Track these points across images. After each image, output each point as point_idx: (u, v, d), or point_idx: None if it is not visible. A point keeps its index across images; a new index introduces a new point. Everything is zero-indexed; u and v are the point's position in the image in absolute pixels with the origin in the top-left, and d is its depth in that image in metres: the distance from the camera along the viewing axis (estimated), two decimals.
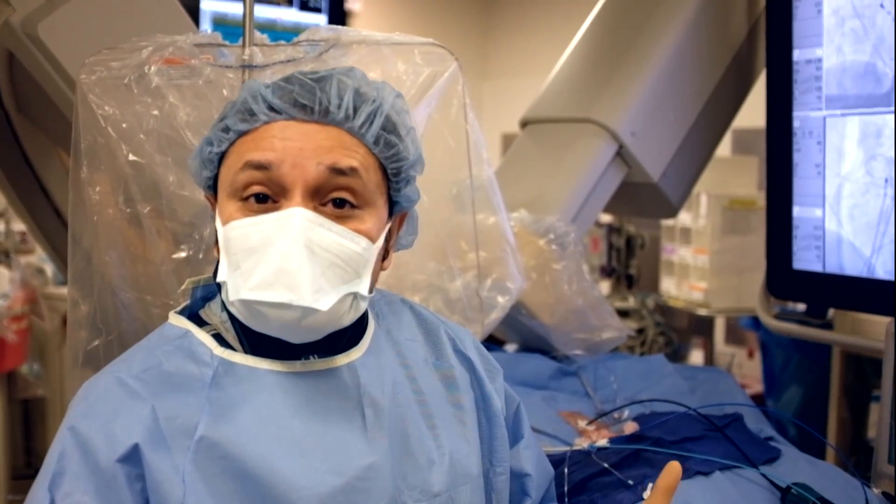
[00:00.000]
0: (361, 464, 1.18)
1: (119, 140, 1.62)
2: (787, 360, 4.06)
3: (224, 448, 1.12)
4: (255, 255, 1.13)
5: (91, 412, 1.14)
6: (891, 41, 2.07)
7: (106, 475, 1.09)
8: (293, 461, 1.14)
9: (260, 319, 1.15)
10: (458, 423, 1.32)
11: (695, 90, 2.60)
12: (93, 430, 1.11)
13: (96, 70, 1.62)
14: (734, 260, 4.26)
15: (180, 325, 1.24)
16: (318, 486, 1.14)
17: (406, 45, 1.79)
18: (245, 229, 1.14)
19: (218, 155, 1.21)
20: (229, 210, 1.17)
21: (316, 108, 1.17)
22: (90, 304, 1.69)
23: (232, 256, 1.15)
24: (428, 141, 1.85)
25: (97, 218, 1.66)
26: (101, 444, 1.10)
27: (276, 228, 1.13)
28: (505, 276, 2.02)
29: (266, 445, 1.14)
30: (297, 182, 1.14)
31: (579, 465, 1.70)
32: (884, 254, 2.13)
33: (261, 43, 1.72)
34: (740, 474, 1.67)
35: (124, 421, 1.12)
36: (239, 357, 1.20)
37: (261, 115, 1.18)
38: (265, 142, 1.16)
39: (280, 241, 1.12)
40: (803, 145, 2.30)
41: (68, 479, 1.09)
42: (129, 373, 1.17)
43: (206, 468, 1.11)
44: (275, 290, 1.11)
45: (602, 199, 2.55)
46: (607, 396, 2.15)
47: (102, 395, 1.15)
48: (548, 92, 2.79)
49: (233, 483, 1.12)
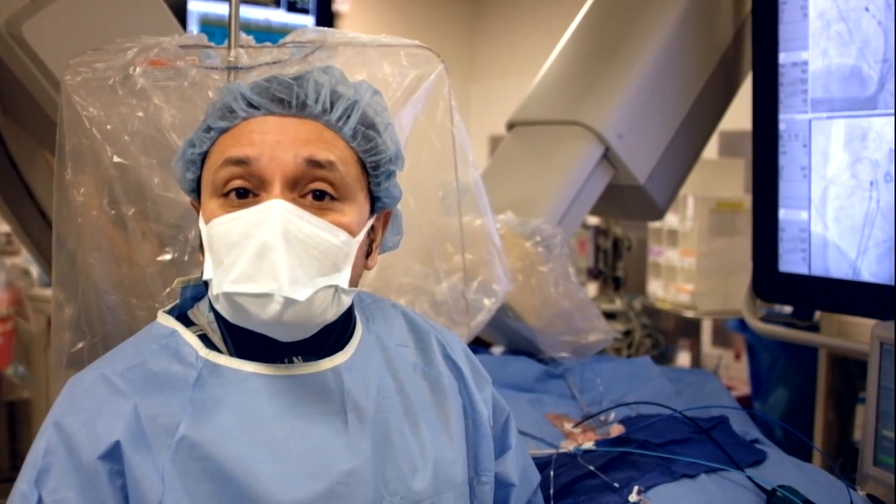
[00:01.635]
0: (342, 469, 1.18)
1: (104, 141, 1.62)
2: (774, 362, 4.06)
3: (204, 449, 1.13)
4: (237, 249, 1.13)
5: (75, 408, 1.14)
6: (876, 45, 2.08)
7: (88, 471, 1.10)
8: (272, 465, 1.14)
9: (242, 314, 1.15)
10: (444, 431, 1.32)
11: (681, 93, 2.61)
12: (76, 426, 1.12)
13: (81, 71, 1.62)
14: (721, 262, 4.27)
15: (168, 325, 1.24)
16: (297, 490, 1.14)
17: (392, 46, 1.79)
18: (226, 224, 1.15)
19: (200, 155, 1.22)
20: (211, 208, 1.18)
21: (293, 102, 1.19)
22: (75, 306, 1.68)
23: (215, 253, 1.16)
24: (414, 143, 1.85)
25: (81, 220, 1.65)
26: (85, 441, 1.11)
27: (255, 221, 1.13)
28: (491, 278, 2.02)
29: (245, 448, 1.14)
30: (276, 174, 1.15)
31: (565, 468, 1.70)
32: (869, 256, 2.14)
33: (246, 44, 1.72)
34: (726, 477, 1.67)
35: (107, 418, 1.12)
36: (224, 359, 1.20)
37: (240, 112, 1.19)
38: (244, 137, 1.18)
39: (259, 233, 1.12)
40: (789, 148, 2.31)
41: (54, 475, 1.10)
42: (113, 370, 1.17)
43: (185, 468, 1.12)
44: (255, 280, 1.12)
45: (588, 202, 2.55)
46: (593, 399, 2.15)
47: (87, 392, 1.16)
48: (534, 94, 2.79)
49: (211, 484, 1.12)
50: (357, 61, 1.75)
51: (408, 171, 1.88)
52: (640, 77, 2.52)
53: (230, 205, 1.17)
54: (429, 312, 1.92)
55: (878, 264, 2.12)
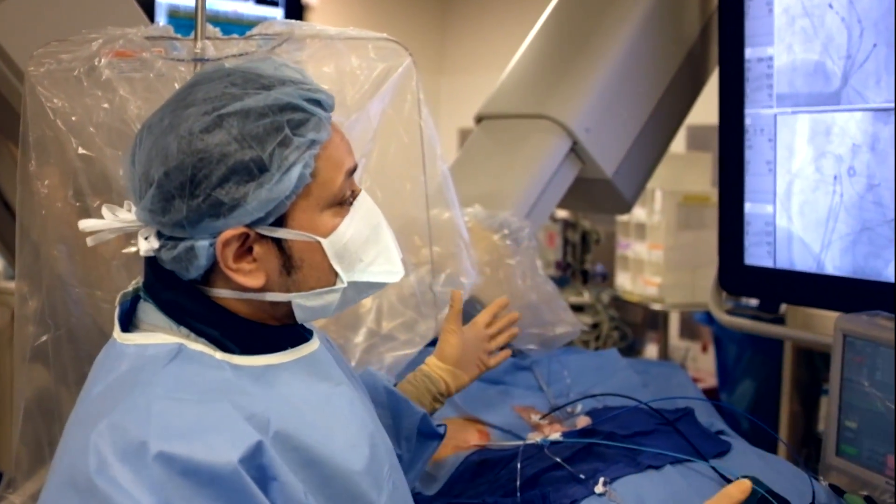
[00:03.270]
0: (367, 432, 1.23)
1: (68, 133, 1.61)
2: (740, 354, 4.10)
3: (294, 440, 1.11)
4: (373, 244, 1.23)
5: (171, 433, 1.02)
6: (840, 41, 2.10)
7: (227, 482, 1.01)
8: (334, 441, 1.16)
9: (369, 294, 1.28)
10: (357, 381, 1.40)
11: (648, 87, 2.62)
12: (189, 446, 1.01)
13: (45, 62, 1.60)
14: (688, 255, 4.30)
15: (159, 342, 1.14)
16: (359, 459, 1.18)
17: (360, 39, 1.79)
18: (355, 225, 1.20)
19: (310, 175, 1.15)
20: (325, 220, 1.18)
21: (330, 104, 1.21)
22: (39, 298, 1.67)
23: (352, 255, 1.21)
24: (382, 136, 1.86)
25: (46, 211, 1.64)
26: (207, 455, 1.02)
27: (371, 212, 1.23)
28: (459, 271, 2.03)
29: (313, 431, 1.14)
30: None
31: (532, 460, 1.70)
32: (833, 250, 2.16)
33: (213, 36, 1.71)
34: (691, 468, 1.69)
35: (222, 427, 1.05)
36: (238, 359, 1.16)
37: (328, 122, 1.19)
38: (342, 145, 1.21)
39: (381, 221, 1.25)
40: (755, 142, 2.33)
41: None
42: (174, 390, 1.07)
43: (287, 461, 1.10)
44: (398, 263, 1.27)
45: (556, 195, 2.56)
46: (561, 391, 2.16)
47: (170, 414, 1.04)
48: (503, 88, 2.79)
49: (304, 471, 1.12)
50: (325, 54, 1.75)
51: (376, 164, 1.89)
52: (607, 71, 2.53)
53: (343, 211, 1.20)
54: (396, 305, 1.93)
55: (842, 258, 2.14)
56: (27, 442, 1.71)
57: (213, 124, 1.10)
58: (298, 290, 1.18)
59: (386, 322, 1.96)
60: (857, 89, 2.08)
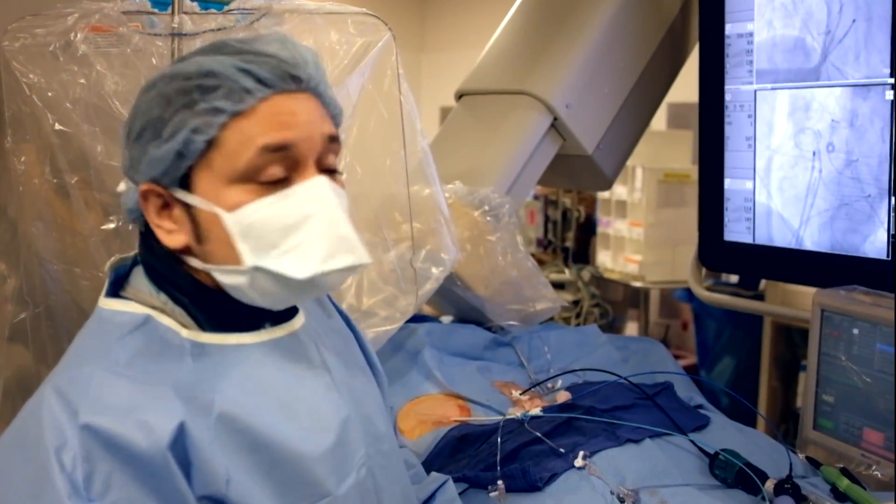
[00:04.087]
0: (340, 418, 1.21)
1: (45, 109, 1.60)
2: (720, 331, 4.13)
3: (239, 422, 1.11)
4: (298, 231, 1.12)
5: (102, 406, 1.05)
6: (819, 16, 2.10)
7: (152, 463, 1.03)
8: (290, 426, 1.15)
9: (308, 290, 1.17)
10: (361, 372, 1.37)
11: (629, 63, 2.61)
12: (115, 422, 1.04)
13: (20, 37, 1.59)
14: (669, 233, 4.32)
15: (130, 310, 1.16)
16: (319, 446, 1.16)
17: (339, 14, 1.78)
18: (273, 208, 1.12)
19: (207, 142, 1.13)
20: (234, 195, 1.12)
21: (304, 77, 1.15)
22: (17, 276, 1.66)
23: (263, 238, 1.12)
24: (362, 112, 1.85)
25: (23, 188, 1.63)
26: (135, 434, 1.03)
27: (310, 199, 1.13)
28: (439, 247, 2.03)
29: (268, 415, 1.14)
30: (310, 154, 1.14)
31: (512, 434, 1.71)
32: (811, 226, 2.17)
33: (191, 11, 1.70)
34: (670, 441, 1.70)
35: (153, 406, 1.06)
36: (206, 336, 1.16)
37: (256, 92, 1.12)
38: (273, 120, 1.12)
39: (322, 211, 1.13)
40: (734, 118, 2.33)
41: (98, 478, 1.01)
42: (118, 364, 1.10)
43: (226, 443, 1.10)
44: (339, 256, 1.13)
45: (537, 172, 2.56)
46: (541, 366, 2.17)
47: (107, 388, 1.07)
48: (483, 64, 2.78)
49: (251, 455, 1.11)
50: (303, 28, 1.74)
51: (356, 140, 1.89)
52: (587, 47, 2.52)
53: (264, 190, 1.12)
54: (377, 281, 1.93)
55: (820, 233, 2.16)
56: (6, 420, 1.70)
57: (151, 84, 1.15)
58: (211, 262, 1.15)
59: (366, 298, 1.96)
60: (836, 65, 2.08)
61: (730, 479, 1.59)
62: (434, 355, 2.07)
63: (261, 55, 1.14)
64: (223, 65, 1.12)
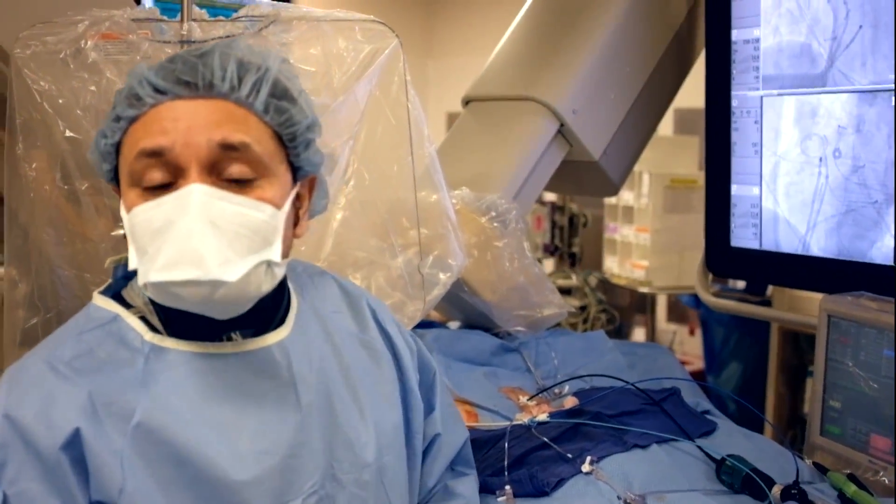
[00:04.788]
0: (294, 441, 1.19)
1: (56, 116, 1.61)
2: (727, 336, 4.13)
3: (160, 434, 1.12)
4: (160, 237, 1.11)
5: (25, 399, 1.12)
6: (826, 22, 2.11)
7: (49, 461, 1.09)
8: (225, 445, 1.15)
9: (173, 299, 1.14)
10: (382, 395, 1.35)
11: (635, 69, 2.62)
12: (30, 417, 1.10)
13: (31, 44, 1.60)
14: (675, 238, 4.32)
15: (108, 308, 1.22)
16: (251, 468, 1.15)
17: (347, 21, 1.79)
18: (148, 213, 1.13)
19: (114, 146, 1.19)
20: (131, 197, 1.15)
21: (200, 84, 1.15)
22: (28, 282, 1.67)
23: (138, 242, 1.14)
24: (369, 118, 1.86)
25: (34, 195, 1.64)
26: (42, 431, 1.09)
27: (176, 207, 1.11)
28: (447, 253, 2.03)
29: (199, 430, 1.14)
30: (191, 160, 1.13)
31: (519, 440, 1.72)
32: (818, 231, 2.18)
33: (199, 18, 1.71)
34: (677, 447, 1.70)
35: (62, 406, 1.11)
36: (170, 342, 1.19)
37: (147, 99, 1.15)
38: (155, 125, 1.14)
39: (181, 219, 1.10)
40: (741, 124, 2.34)
41: (11, 467, 1.08)
42: (60, 358, 1.16)
43: (144, 453, 1.12)
44: (180, 268, 1.10)
45: (544, 178, 2.56)
46: (548, 372, 2.17)
47: (35, 381, 1.14)
48: (490, 70, 2.79)
49: (171, 468, 1.12)
50: (311, 35, 1.75)
51: (363, 146, 1.89)
52: (594, 53, 2.53)
53: (150, 194, 1.14)
54: (384, 287, 1.93)
55: (827, 239, 2.16)
56: None
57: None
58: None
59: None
60: (842, 71, 2.09)
61: (736, 484, 1.59)
62: (441, 361, 2.07)
63: (171, 63, 1.17)
64: (136, 75, 1.17)
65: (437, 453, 1.46)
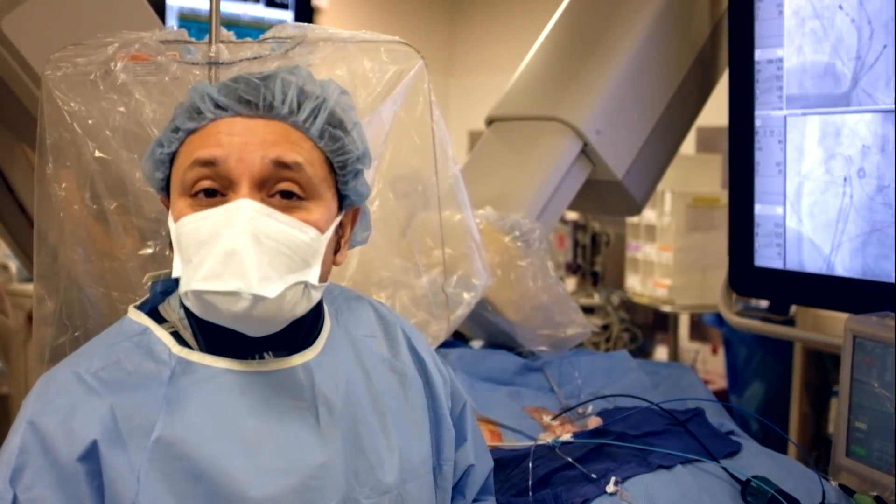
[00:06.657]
0: (314, 462, 1.20)
1: (85, 136, 1.62)
2: (750, 356, 4.10)
3: (179, 448, 1.14)
4: (205, 248, 1.14)
5: (50, 407, 1.14)
6: (850, 42, 2.11)
7: (65, 470, 1.10)
8: (244, 461, 1.16)
9: (211, 310, 1.16)
10: (410, 422, 1.35)
11: (658, 89, 2.63)
12: (51, 425, 1.12)
13: (62, 66, 1.62)
14: (698, 257, 4.30)
15: (140, 322, 1.25)
16: (269, 486, 1.16)
17: (372, 42, 1.80)
18: (195, 223, 1.16)
19: (169, 155, 1.23)
20: (180, 207, 1.18)
21: (260, 104, 1.19)
22: (56, 300, 1.69)
23: (184, 252, 1.17)
24: (394, 138, 1.87)
25: (63, 214, 1.65)
26: (61, 440, 1.11)
27: (223, 220, 1.14)
28: (470, 272, 2.04)
29: (219, 445, 1.15)
30: (244, 175, 1.16)
31: (543, 460, 1.72)
32: (842, 251, 2.17)
33: (227, 40, 1.72)
34: (701, 468, 1.70)
35: (83, 417, 1.13)
36: (197, 356, 1.21)
37: (207, 113, 1.20)
38: (211, 138, 1.18)
39: (227, 232, 1.13)
40: (765, 144, 2.34)
41: (29, 473, 1.10)
42: (87, 369, 1.17)
43: (162, 467, 1.13)
44: (223, 279, 1.12)
45: (567, 197, 2.57)
46: (572, 392, 2.17)
47: (61, 390, 1.16)
48: (513, 90, 2.80)
49: (188, 483, 1.13)
50: (337, 57, 1.76)
51: (388, 166, 1.90)
52: (617, 73, 2.54)
53: (199, 204, 1.17)
54: (409, 306, 1.94)
55: (852, 259, 2.15)
56: None
57: None
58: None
59: None
60: (866, 91, 2.08)
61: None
62: (465, 380, 2.07)
63: (234, 83, 1.21)
64: (197, 90, 1.21)
65: (472, 484, 1.47)
